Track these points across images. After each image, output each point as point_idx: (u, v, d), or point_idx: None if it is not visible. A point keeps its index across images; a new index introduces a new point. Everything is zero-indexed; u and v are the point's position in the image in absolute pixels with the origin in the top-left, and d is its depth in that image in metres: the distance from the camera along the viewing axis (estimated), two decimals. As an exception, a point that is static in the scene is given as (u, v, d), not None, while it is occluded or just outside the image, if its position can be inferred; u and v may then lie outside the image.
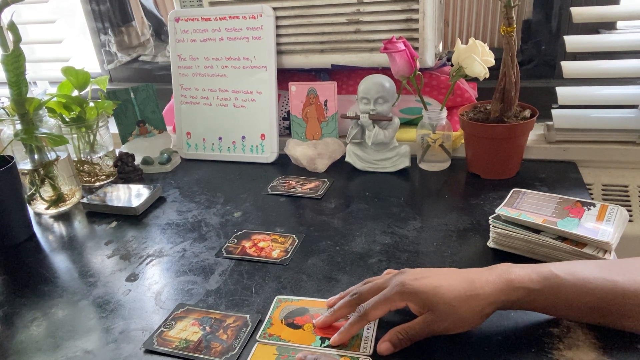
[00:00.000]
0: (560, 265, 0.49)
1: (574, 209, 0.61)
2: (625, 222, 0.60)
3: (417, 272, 0.51)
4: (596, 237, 0.56)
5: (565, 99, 0.89)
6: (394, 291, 0.49)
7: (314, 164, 0.93)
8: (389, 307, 0.49)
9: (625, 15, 0.88)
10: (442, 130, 0.87)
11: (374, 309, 0.49)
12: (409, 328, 0.48)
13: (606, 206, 0.61)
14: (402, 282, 0.49)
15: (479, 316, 0.48)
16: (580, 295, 0.47)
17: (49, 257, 0.74)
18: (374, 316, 0.50)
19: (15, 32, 0.74)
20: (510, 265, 0.50)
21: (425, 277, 0.49)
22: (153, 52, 1.29)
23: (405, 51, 0.80)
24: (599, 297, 0.47)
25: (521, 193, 0.67)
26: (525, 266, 0.49)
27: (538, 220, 0.60)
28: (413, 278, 0.49)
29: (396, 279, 0.50)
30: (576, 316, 0.49)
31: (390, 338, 0.48)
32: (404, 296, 0.48)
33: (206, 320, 0.56)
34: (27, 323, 0.59)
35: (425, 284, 0.48)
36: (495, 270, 0.49)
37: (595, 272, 0.48)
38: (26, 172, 0.84)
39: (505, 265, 0.50)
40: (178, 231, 0.77)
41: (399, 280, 0.49)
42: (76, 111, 0.92)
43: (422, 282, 0.48)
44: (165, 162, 1.00)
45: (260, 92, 0.98)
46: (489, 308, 0.48)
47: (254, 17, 0.95)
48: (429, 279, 0.49)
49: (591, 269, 0.49)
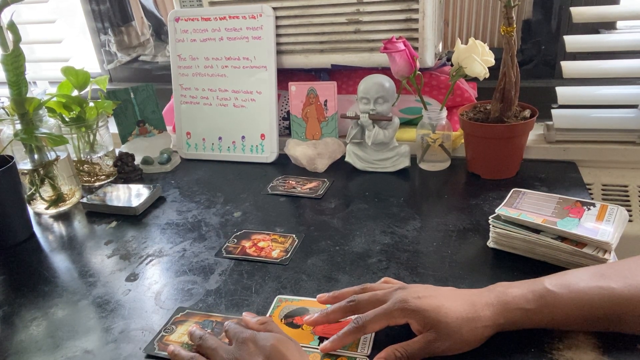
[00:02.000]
0: (555, 278, 0.49)
1: (573, 209, 0.61)
2: (625, 222, 0.60)
3: (419, 290, 0.50)
4: (596, 237, 0.56)
5: (565, 99, 0.88)
6: (396, 307, 0.48)
7: (314, 164, 0.93)
8: (388, 323, 0.49)
9: (625, 15, 0.88)
10: (442, 130, 0.87)
11: (372, 322, 0.49)
12: (408, 347, 0.47)
13: (606, 206, 0.61)
14: (404, 298, 0.49)
15: (479, 338, 0.47)
16: (577, 308, 0.47)
17: (49, 257, 0.74)
18: (371, 329, 0.50)
19: (15, 31, 0.74)
20: (507, 285, 0.50)
21: (428, 295, 0.49)
22: (153, 52, 1.29)
23: (405, 51, 0.80)
24: (596, 307, 0.47)
25: (521, 193, 0.67)
26: (521, 285, 0.49)
27: (538, 220, 0.60)
28: (416, 296, 0.49)
29: (398, 295, 0.50)
30: (575, 327, 0.49)
31: (387, 355, 0.47)
32: (406, 313, 0.48)
33: (207, 323, 0.56)
34: (27, 323, 0.59)
35: (428, 303, 0.48)
36: (493, 292, 0.49)
37: (591, 282, 0.48)
38: (26, 172, 0.84)
39: (502, 285, 0.50)
40: (178, 231, 0.77)
41: (401, 297, 0.49)
42: (76, 111, 0.92)
43: (425, 301, 0.48)
44: (165, 162, 1.00)
45: (260, 92, 0.98)
46: (488, 331, 0.47)
47: (254, 17, 0.95)
48: (432, 298, 0.49)
49: (586, 278, 0.48)
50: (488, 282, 0.51)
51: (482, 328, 0.47)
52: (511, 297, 0.48)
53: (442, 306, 0.48)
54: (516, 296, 0.48)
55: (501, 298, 0.48)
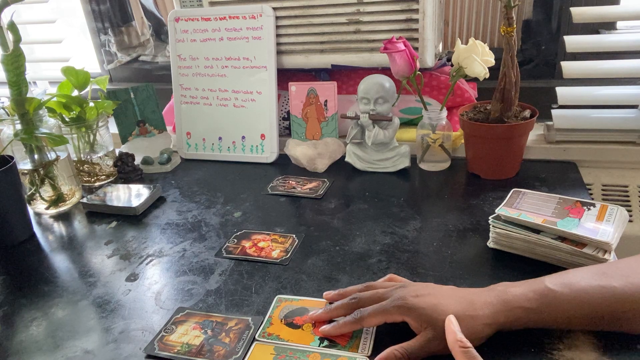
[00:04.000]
0: (556, 278, 0.49)
1: (574, 209, 0.61)
2: (625, 222, 0.60)
3: (418, 289, 0.51)
4: (596, 237, 0.56)
5: (565, 99, 0.89)
6: (393, 304, 0.49)
7: (314, 164, 0.93)
8: (385, 319, 0.50)
9: (626, 15, 0.88)
10: (442, 130, 0.87)
11: (370, 317, 0.50)
12: (407, 346, 0.48)
13: (606, 206, 0.61)
14: (402, 296, 0.49)
15: (478, 337, 0.47)
16: (578, 307, 0.47)
17: (49, 257, 0.74)
18: (369, 323, 0.50)
19: (15, 32, 0.74)
20: (508, 285, 0.50)
21: (426, 294, 0.49)
22: (153, 52, 1.29)
23: (405, 51, 0.80)
24: (597, 306, 0.47)
25: (521, 193, 0.67)
26: (522, 284, 0.49)
27: (538, 220, 0.60)
28: (414, 294, 0.49)
29: (397, 293, 0.50)
30: (577, 327, 0.49)
31: (387, 356, 0.47)
32: (402, 311, 0.49)
33: (207, 323, 0.56)
34: (27, 323, 0.59)
35: (425, 301, 0.48)
36: (494, 292, 0.49)
37: (592, 281, 0.48)
38: (26, 172, 0.84)
39: (503, 285, 0.50)
40: (178, 231, 0.77)
41: (399, 295, 0.50)
42: (76, 111, 0.92)
43: (423, 300, 0.49)
44: (165, 162, 1.00)
45: (260, 92, 0.98)
46: (488, 329, 0.47)
47: (254, 17, 0.95)
48: (430, 296, 0.49)
49: (587, 277, 0.48)
50: (488, 282, 0.51)
51: (481, 326, 0.47)
52: (512, 295, 0.48)
53: (439, 304, 0.48)
54: (517, 295, 0.48)
55: (502, 297, 0.48)
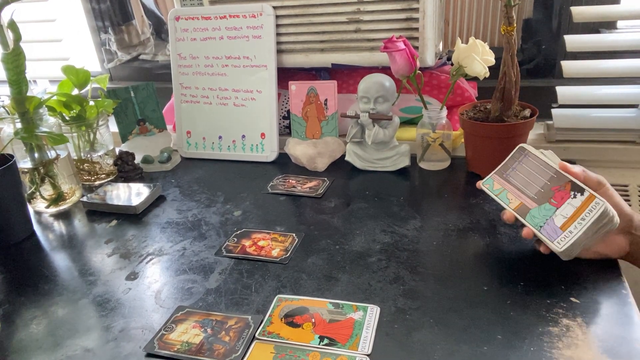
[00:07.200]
0: None
1: (560, 192, 0.59)
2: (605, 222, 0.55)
3: None
4: (552, 242, 0.56)
5: (565, 99, 0.89)
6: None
7: (314, 163, 0.93)
8: None
9: (626, 14, 0.88)
10: (442, 130, 0.87)
11: None
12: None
13: (593, 198, 0.56)
14: None
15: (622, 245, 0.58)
16: None
17: (49, 255, 0.74)
18: None
19: (16, 30, 0.74)
20: None
21: None
22: (153, 51, 1.29)
23: (406, 50, 0.80)
24: None
25: (524, 154, 0.64)
26: None
27: (514, 203, 0.61)
28: None
29: None
30: None
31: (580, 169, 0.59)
32: None
33: (207, 322, 0.56)
34: (27, 321, 0.59)
35: None
36: None
37: None
38: (26, 170, 0.84)
39: None
40: (178, 230, 0.77)
41: None
42: (76, 110, 0.92)
43: None
44: (165, 160, 1.00)
45: (261, 91, 0.98)
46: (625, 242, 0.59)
47: (254, 16, 0.95)
48: None
49: None
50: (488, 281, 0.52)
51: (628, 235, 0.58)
52: None
53: None
54: None
55: None
